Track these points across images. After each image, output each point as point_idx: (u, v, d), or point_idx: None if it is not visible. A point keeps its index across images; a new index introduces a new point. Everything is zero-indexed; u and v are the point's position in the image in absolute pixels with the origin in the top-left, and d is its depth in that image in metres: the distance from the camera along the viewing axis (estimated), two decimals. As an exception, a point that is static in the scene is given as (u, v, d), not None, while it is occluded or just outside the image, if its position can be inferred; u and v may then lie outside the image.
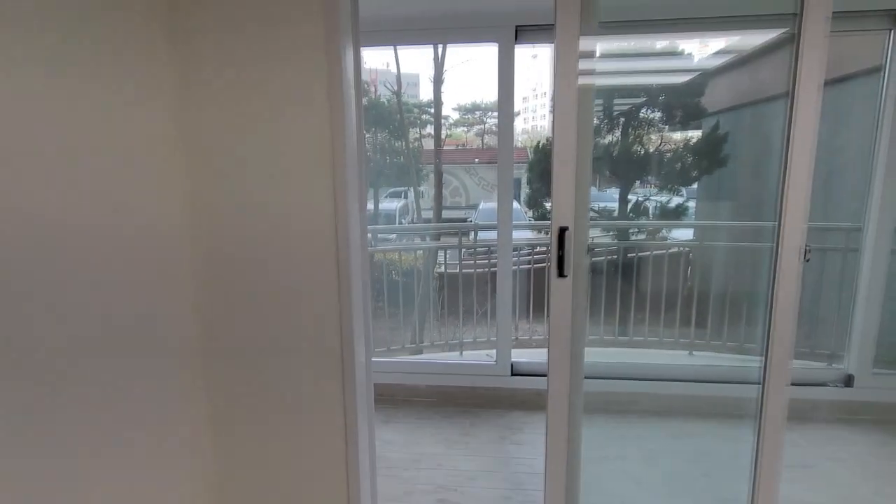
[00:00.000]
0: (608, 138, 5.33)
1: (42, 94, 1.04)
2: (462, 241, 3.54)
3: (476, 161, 8.26)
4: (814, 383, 2.68)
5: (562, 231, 1.43)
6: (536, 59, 11.08)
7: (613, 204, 5.60)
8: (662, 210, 5.19)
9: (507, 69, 2.59)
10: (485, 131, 8.91)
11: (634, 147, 5.40)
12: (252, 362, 1.57)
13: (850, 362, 2.68)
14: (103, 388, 1.20)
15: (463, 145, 9.27)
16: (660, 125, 5.29)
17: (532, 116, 12.68)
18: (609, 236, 4.56)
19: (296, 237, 1.46)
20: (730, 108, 4.60)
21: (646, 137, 5.35)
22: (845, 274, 2.89)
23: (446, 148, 7.98)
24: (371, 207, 6.99)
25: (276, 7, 1.36)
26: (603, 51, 1.52)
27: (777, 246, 1.42)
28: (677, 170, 5.09)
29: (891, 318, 2.63)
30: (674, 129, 5.19)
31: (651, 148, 5.40)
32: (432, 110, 6.86)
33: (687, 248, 3.75)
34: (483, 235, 3.62)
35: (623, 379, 2.75)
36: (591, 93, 1.46)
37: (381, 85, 6.40)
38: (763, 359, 1.49)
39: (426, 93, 7.14)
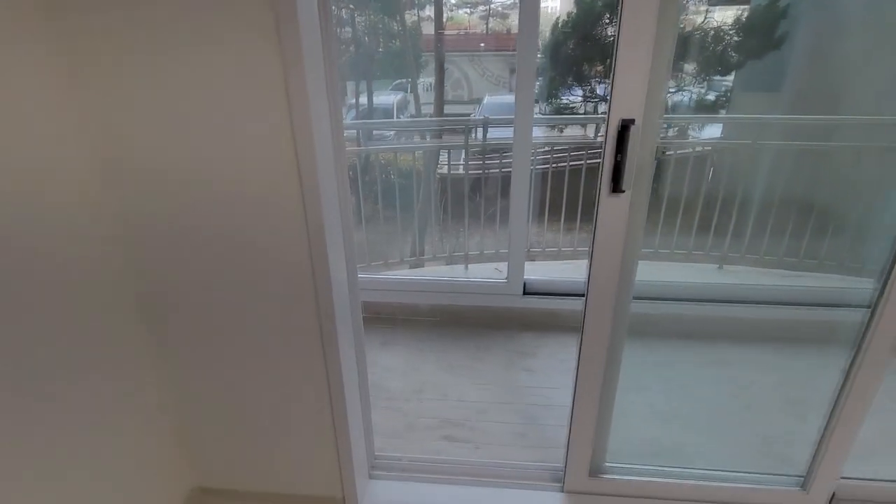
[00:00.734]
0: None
1: None
2: (468, 140, 3.05)
3: (482, 47, 7.29)
4: None
5: (623, 126, 0.99)
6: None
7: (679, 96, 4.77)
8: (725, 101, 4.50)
9: None
10: (489, 14, 7.75)
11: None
12: (206, 306, 1.22)
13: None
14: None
15: (466, 31, 8.16)
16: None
17: (543, -5, 11.25)
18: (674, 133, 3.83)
19: (241, 145, 1.03)
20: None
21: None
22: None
23: (448, 32, 7.03)
24: (364, 102, 6.32)
25: None
26: None
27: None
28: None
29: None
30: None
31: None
32: (432, -15, 5.91)
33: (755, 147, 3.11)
34: (493, 134, 3.11)
35: (693, 301, 2.42)
36: None
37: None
38: (882, 278, 1.14)
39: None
